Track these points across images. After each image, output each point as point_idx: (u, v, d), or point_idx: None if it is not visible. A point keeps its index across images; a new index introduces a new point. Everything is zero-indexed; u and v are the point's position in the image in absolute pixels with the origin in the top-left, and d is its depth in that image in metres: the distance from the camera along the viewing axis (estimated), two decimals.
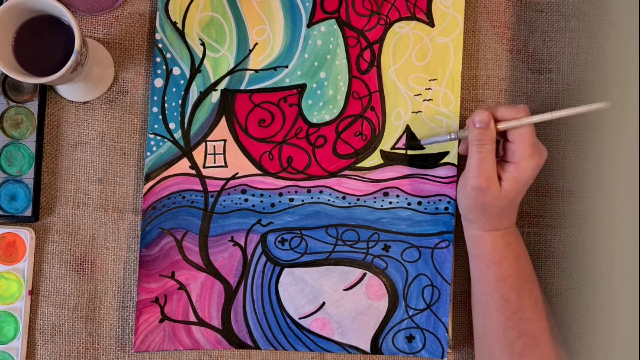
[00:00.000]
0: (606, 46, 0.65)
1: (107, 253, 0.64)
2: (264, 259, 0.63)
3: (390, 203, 0.64)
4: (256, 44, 0.63)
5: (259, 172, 0.63)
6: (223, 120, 0.63)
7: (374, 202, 0.64)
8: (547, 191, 0.66)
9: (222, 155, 0.63)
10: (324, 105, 0.64)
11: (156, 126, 0.63)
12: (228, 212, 0.63)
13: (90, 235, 0.64)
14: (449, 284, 0.63)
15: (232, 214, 0.63)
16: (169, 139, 0.63)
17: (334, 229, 0.63)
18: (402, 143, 0.64)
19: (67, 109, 0.64)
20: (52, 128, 0.64)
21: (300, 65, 0.63)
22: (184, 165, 0.63)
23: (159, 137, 0.63)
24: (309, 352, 0.64)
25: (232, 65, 0.63)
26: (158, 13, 0.63)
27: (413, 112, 0.64)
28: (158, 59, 0.63)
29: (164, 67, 0.63)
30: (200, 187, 0.63)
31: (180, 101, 0.63)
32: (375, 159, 0.64)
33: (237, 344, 0.63)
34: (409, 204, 0.64)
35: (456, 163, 0.63)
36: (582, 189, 0.65)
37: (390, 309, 0.63)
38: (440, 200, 0.63)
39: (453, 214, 0.63)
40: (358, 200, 0.63)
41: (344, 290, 0.63)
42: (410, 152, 0.64)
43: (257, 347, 0.63)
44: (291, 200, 0.63)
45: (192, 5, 0.63)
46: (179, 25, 0.63)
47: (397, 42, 0.64)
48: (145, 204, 0.62)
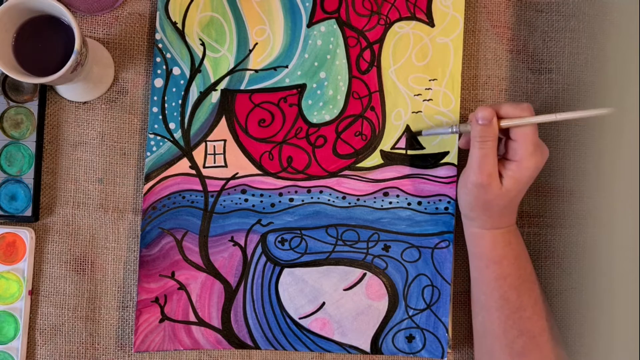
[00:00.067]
0: (606, 46, 0.65)
1: (107, 253, 0.64)
2: (264, 259, 0.63)
3: (390, 203, 0.64)
4: (256, 44, 0.63)
5: (259, 172, 0.63)
6: (223, 120, 0.63)
7: (374, 202, 0.63)
8: (547, 191, 0.66)
9: (222, 155, 0.63)
10: (324, 105, 0.64)
11: (156, 126, 0.63)
12: (228, 212, 0.63)
13: (90, 235, 0.64)
14: (449, 284, 0.63)
15: (232, 214, 0.63)
16: (169, 139, 0.63)
17: (334, 229, 0.63)
18: (403, 142, 0.64)
19: (67, 109, 0.64)
20: (52, 128, 0.64)
21: (300, 65, 0.63)
22: (184, 165, 0.63)
23: (159, 137, 0.63)
24: (309, 352, 0.64)
25: (232, 65, 0.63)
26: (158, 13, 0.63)
27: (413, 112, 0.64)
28: (158, 59, 0.63)
29: (164, 67, 0.63)
30: (200, 187, 0.63)
31: (180, 101, 0.63)
32: (375, 159, 0.64)
33: (237, 344, 0.63)
34: (409, 204, 0.64)
35: (456, 163, 0.63)
36: (582, 189, 0.65)
37: (390, 309, 0.63)
38: (440, 200, 0.63)
39: (453, 214, 0.63)
40: (358, 200, 0.63)
41: (344, 290, 0.63)
42: (410, 152, 0.64)
43: (257, 347, 0.63)
44: (291, 200, 0.63)
45: (192, 5, 0.63)
46: (179, 25, 0.63)
47: (397, 42, 0.64)
48: (145, 204, 0.62)
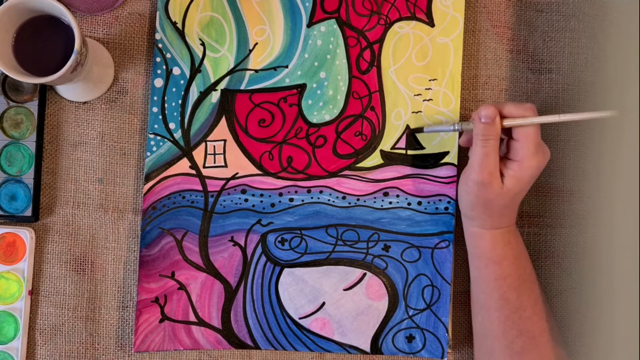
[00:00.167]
0: (606, 46, 0.65)
1: (107, 253, 0.64)
2: (264, 259, 0.63)
3: (390, 203, 0.63)
4: (256, 44, 0.63)
5: (259, 172, 0.63)
6: (223, 120, 0.63)
7: (374, 202, 0.63)
8: (547, 191, 0.66)
9: (222, 155, 0.63)
10: (324, 105, 0.64)
11: (156, 126, 0.63)
12: (228, 212, 0.63)
13: (90, 235, 0.64)
14: (449, 284, 0.63)
15: (232, 214, 0.63)
16: (169, 139, 0.63)
17: (334, 229, 0.63)
18: (403, 142, 0.64)
19: (67, 109, 0.64)
20: (52, 128, 0.64)
21: (300, 65, 0.63)
22: (184, 165, 0.63)
23: (159, 137, 0.63)
24: (309, 352, 0.64)
25: (232, 65, 0.63)
26: (158, 13, 0.63)
27: (413, 112, 0.64)
28: (158, 59, 0.63)
29: (164, 67, 0.63)
30: (200, 187, 0.63)
31: (180, 101, 0.63)
32: (375, 159, 0.64)
33: (237, 344, 0.63)
34: (409, 204, 0.64)
35: (456, 163, 0.63)
36: (582, 189, 0.65)
37: (390, 309, 0.63)
38: (440, 200, 0.63)
39: (453, 214, 0.63)
40: (358, 200, 0.63)
41: (344, 290, 0.63)
42: (410, 152, 0.64)
43: (257, 347, 0.63)
44: (291, 200, 0.63)
45: (192, 5, 0.63)
46: (179, 25, 0.63)
47: (397, 42, 0.64)
48: (145, 204, 0.62)
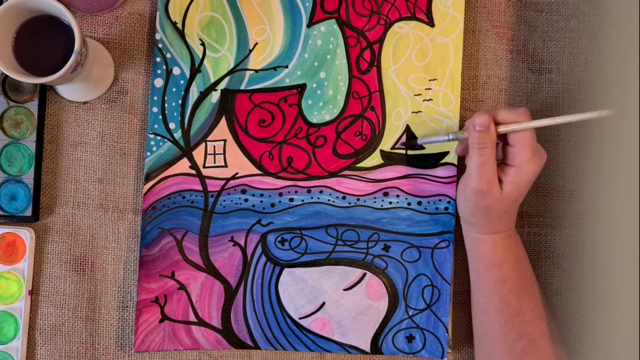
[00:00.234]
0: (606, 46, 0.65)
1: (107, 253, 0.64)
2: (264, 259, 0.63)
3: (390, 203, 0.63)
4: (256, 44, 0.63)
5: (259, 172, 0.63)
6: (223, 120, 0.63)
7: (374, 202, 0.63)
8: (547, 191, 0.66)
9: (222, 155, 0.63)
10: (324, 105, 0.64)
11: (156, 126, 0.63)
12: (228, 212, 0.63)
13: (90, 235, 0.64)
14: (449, 284, 0.63)
15: (232, 214, 0.63)
16: (169, 139, 0.63)
17: (334, 229, 0.63)
18: (402, 143, 0.64)
19: (67, 109, 0.64)
20: (52, 128, 0.64)
21: (300, 65, 0.63)
22: (184, 165, 0.63)
23: (159, 137, 0.63)
24: (309, 352, 0.64)
25: (232, 65, 0.63)
26: (158, 13, 0.63)
27: (413, 112, 0.64)
28: (158, 59, 0.63)
29: (164, 67, 0.63)
30: (200, 187, 0.63)
31: (180, 101, 0.63)
32: (375, 159, 0.64)
33: (237, 344, 0.63)
34: (409, 204, 0.64)
35: (456, 163, 0.63)
36: (582, 189, 0.65)
37: (390, 309, 0.63)
38: (440, 200, 0.63)
39: (453, 214, 0.63)
40: (358, 200, 0.63)
41: (344, 290, 0.63)
42: (410, 152, 0.64)
43: (257, 347, 0.63)
44: (291, 200, 0.63)
45: (192, 5, 0.63)
46: (179, 25, 0.63)
47: (397, 42, 0.64)
48: (145, 204, 0.62)
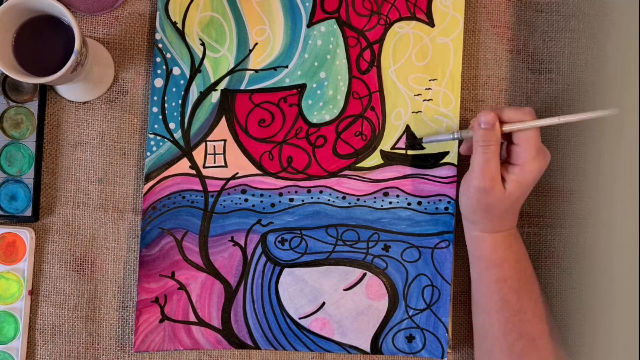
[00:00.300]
0: (606, 46, 0.65)
1: (107, 253, 0.64)
2: (264, 259, 0.63)
3: (390, 203, 0.63)
4: (256, 44, 0.63)
5: (259, 172, 0.63)
6: (223, 120, 0.63)
7: (374, 202, 0.63)
8: (547, 191, 0.66)
9: (222, 155, 0.63)
10: (324, 105, 0.64)
11: (156, 126, 0.63)
12: (228, 212, 0.63)
13: (90, 235, 0.64)
14: (449, 284, 0.63)
15: (232, 214, 0.63)
16: (169, 139, 0.63)
17: (334, 229, 0.63)
18: (403, 142, 0.64)
19: (67, 109, 0.64)
20: (52, 128, 0.64)
21: (300, 65, 0.63)
22: (184, 165, 0.63)
23: (159, 137, 0.63)
24: (309, 352, 0.64)
25: (232, 65, 0.63)
26: (158, 13, 0.63)
27: (413, 112, 0.64)
28: (158, 59, 0.63)
29: (164, 67, 0.63)
30: (200, 187, 0.63)
31: (180, 101, 0.63)
32: (375, 159, 0.64)
33: (237, 344, 0.63)
34: (409, 204, 0.64)
35: (456, 163, 0.63)
36: (582, 189, 0.65)
37: (390, 309, 0.63)
38: (440, 200, 0.63)
39: (453, 214, 0.63)
40: (358, 200, 0.63)
41: (344, 290, 0.63)
42: (410, 152, 0.64)
43: (257, 347, 0.63)
44: (291, 200, 0.63)
45: (192, 5, 0.63)
46: (179, 25, 0.63)
47: (397, 42, 0.64)
48: (145, 204, 0.62)
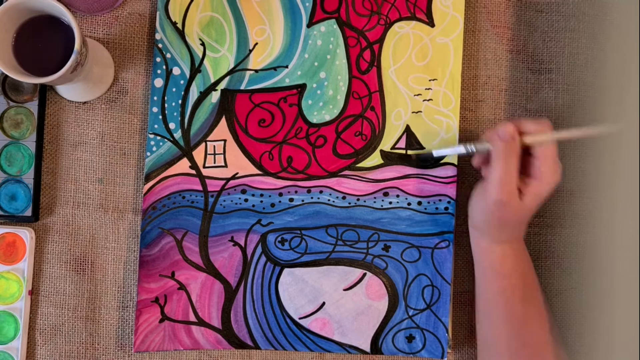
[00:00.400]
0: (606, 46, 0.65)
1: (107, 253, 0.64)
2: (264, 259, 0.63)
3: (390, 203, 0.63)
4: (256, 44, 0.63)
5: (259, 172, 0.63)
6: (223, 120, 0.63)
7: (374, 202, 0.63)
8: None
9: (222, 155, 0.63)
10: (324, 105, 0.64)
11: (156, 126, 0.63)
12: (228, 212, 0.63)
13: (90, 235, 0.64)
14: (449, 284, 0.63)
15: (232, 214, 0.63)
16: (169, 139, 0.63)
17: (334, 229, 0.63)
18: (403, 143, 0.64)
19: (67, 109, 0.64)
20: (52, 128, 0.64)
21: (300, 65, 0.63)
22: (184, 165, 0.63)
23: (159, 137, 0.63)
24: (309, 352, 0.64)
25: (232, 65, 0.63)
26: (158, 13, 0.63)
27: (413, 112, 0.64)
28: (158, 59, 0.63)
29: (164, 67, 0.63)
30: (200, 187, 0.63)
31: (180, 101, 0.63)
32: (375, 159, 0.64)
33: (237, 344, 0.63)
34: (409, 204, 0.64)
35: (456, 163, 0.63)
36: (582, 189, 0.65)
37: (390, 309, 0.63)
38: (440, 200, 0.63)
39: (453, 214, 0.63)
40: (358, 200, 0.63)
41: (344, 290, 0.63)
42: (410, 152, 0.64)
43: (257, 347, 0.63)
44: (291, 200, 0.63)
45: (192, 5, 0.63)
46: (179, 25, 0.63)
47: (397, 42, 0.64)
48: (145, 204, 0.62)
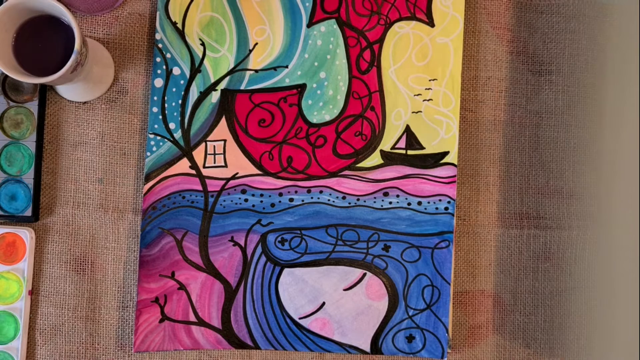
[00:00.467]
0: (606, 48, 0.65)
1: (107, 253, 0.64)
2: (264, 259, 0.63)
3: (390, 203, 0.64)
4: (256, 44, 0.64)
5: (259, 172, 0.63)
6: (223, 120, 0.63)
7: (374, 202, 0.64)
8: (547, 192, 0.66)
9: (222, 155, 0.63)
10: (324, 105, 0.64)
11: (156, 126, 0.63)
12: (228, 212, 0.63)
13: (90, 235, 0.64)
14: (449, 284, 0.63)
15: (232, 214, 0.63)
16: (169, 139, 0.63)
17: (334, 229, 0.63)
18: (403, 143, 0.64)
19: (67, 109, 0.64)
20: (52, 128, 0.64)
21: (300, 65, 0.64)
22: (184, 165, 0.63)
23: (159, 137, 0.63)
24: (309, 352, 0.64)
25: (232, 65, 0.63)
26: (158, 13, 0.63)
27: (413, 112, 0.64)
28: (158, 59, 0.63)
29: (164, 67, 0.63)
30: (200, 187, 0.63)
31: (180, 101, 0.63)
32: (375, 159, 0.64)
33: (237, 344, 0.63)
34: (409, 204, 0.64)
35: (456, 163, 0.63)
36: (582, 190, 0.65)
37: (390, 309, 0.63)
38: (440, 200, 0.63)
39: (453, 214, 0.63)
40: (358, 200, 0.64)
41: (344, 290, 0.63)
42: (410, 152, 0.64)
43: (257, 347, 0.63)
44: (291, 200, 0.63)
45: (192, 5, 0.63)
46: (179, 25, 0.63)
47: (397, 42, 0.64)
48: (145, 204, 0.62)
